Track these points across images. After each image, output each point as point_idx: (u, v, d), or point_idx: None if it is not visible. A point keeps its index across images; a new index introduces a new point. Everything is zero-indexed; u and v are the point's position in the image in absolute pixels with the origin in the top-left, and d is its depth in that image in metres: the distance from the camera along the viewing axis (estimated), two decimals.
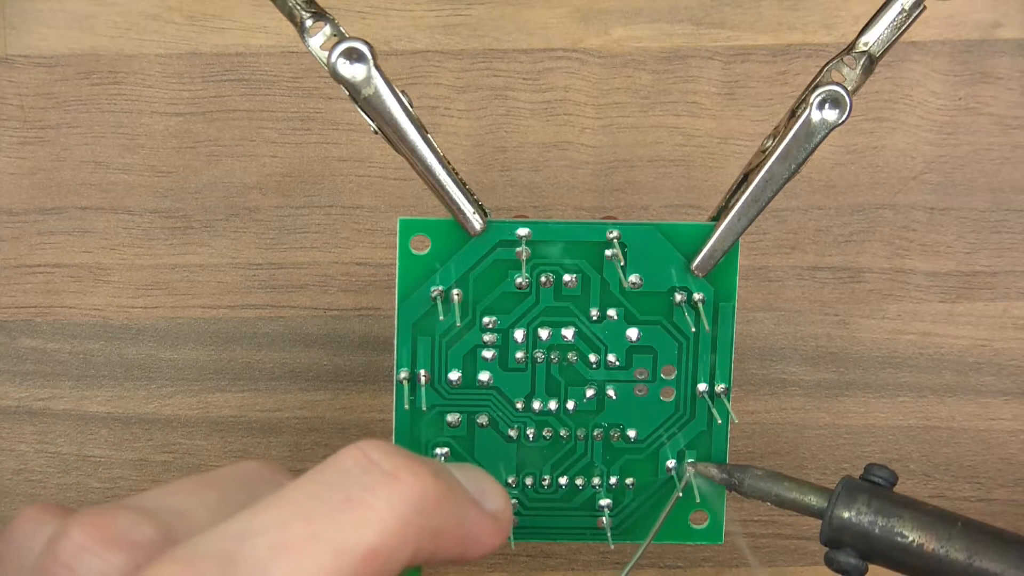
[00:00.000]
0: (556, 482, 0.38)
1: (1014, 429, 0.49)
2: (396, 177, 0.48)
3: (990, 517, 0.48)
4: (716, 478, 0.37)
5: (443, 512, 0.28)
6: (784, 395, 0.49)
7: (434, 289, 0.36)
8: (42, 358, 0.48)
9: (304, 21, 0.33)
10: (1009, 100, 0.48)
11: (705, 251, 0.36)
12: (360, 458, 0.27)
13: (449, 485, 0.29)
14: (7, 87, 0.47)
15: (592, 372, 0.37)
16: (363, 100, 0.33)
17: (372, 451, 0.27)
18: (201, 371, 0.48)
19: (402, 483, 0.27)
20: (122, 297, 0.48)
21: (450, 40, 0.48)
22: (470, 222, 0.35)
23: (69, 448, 0.48)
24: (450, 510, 0.28)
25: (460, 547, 0.29)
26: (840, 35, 0.48)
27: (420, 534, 0.27)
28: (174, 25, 0.47)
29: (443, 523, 0.28)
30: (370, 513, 0.26)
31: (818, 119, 0.34)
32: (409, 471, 0.27)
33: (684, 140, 0.48)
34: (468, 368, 0.37)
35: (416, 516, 0.27)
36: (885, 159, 0.48)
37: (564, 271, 0.36)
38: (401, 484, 0.27)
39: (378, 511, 0.26)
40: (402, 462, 0.27)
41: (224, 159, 0.48)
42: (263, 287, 0.48)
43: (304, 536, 0.25)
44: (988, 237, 0.49)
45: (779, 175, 0.35)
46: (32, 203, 0.47)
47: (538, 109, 0.48)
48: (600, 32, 0.48)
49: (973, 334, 0.49)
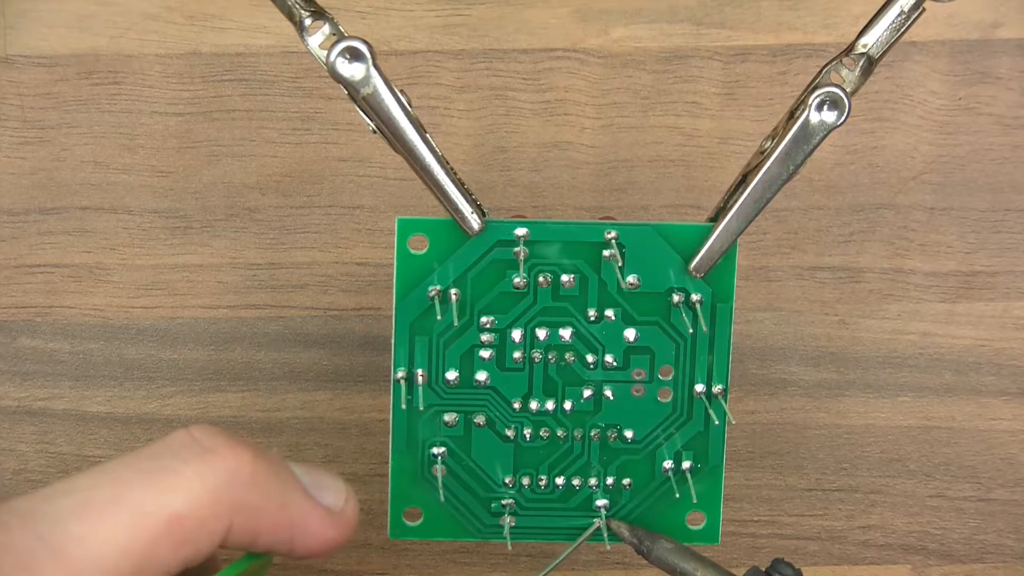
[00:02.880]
0: (553, 482, 0.38)
1: (1014, 429, 0.49)
2: (396, 177, 0.48)
3: (990, 517, 0.49)
4: (626, 539, 0.37)
5: (261, 491, 0.29)
6: (784, 395, 0.49)
7: (432, 288, 0.36)
8: (42, 358, 0.48)
9: (303, 20, 0.33)
10: (1009, 100, 0.48)
11: (703, 252, 0.36)
12: (184, 436, 0.29)
13: (271, 466, 0.29)
14: (7, 87, 0.47)
15: (590, 372, 0.37)
16: (361, 99, 0.33)
17: (197, 431, 0.29)
18: (201, 371, 0.48)
19: (217, 456, 0.28)
20: (122, 297, 0.48)
21: (450, 40, 0.48)
22: (468, 222, 0.35)
23: (69, 448, 0.48)
24: (270, 490, 0.29)
25: (286, 533, 0.30)
26: (840, 35, 0.48)
27: (233, 508, 0.28)
28: (174, 25, 0.47)
29: (261, 502, 0.29)
30: (178, 480, 0.28)
31: (816, 120, 0.34)
32: (227, 447, 0.29)
33: (684, 140, 0.48)
34: (465, 368, 0.37)
35: (227, 488, 0.28)
36: (885, 159, 0.48)
37: (562, 271, 0.36)
38: (215, 457, 0.28)
39: (187, 479, 0.28)
40: (222, 440, 0.29)
41: (224, 159, 0.48)
42: (263, 287, 0.48)
43: (108, 498, 0.27)
44: (988, 237, 0.49)
45: (778, 176, 0.35)
46: (32, 203, 0.47)
47: (538, 109, 0.48)
48: (600, 32, 0.48)
49: (973, 334, 0.49)
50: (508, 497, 0.38)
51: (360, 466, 0.48)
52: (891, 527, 0.49)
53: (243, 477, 0.28)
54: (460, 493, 0.38)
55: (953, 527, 0.49)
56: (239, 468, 0.28)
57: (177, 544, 0.27)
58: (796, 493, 0.49)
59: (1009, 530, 0.49)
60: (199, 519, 0.28)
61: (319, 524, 0.30)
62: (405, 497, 0.38)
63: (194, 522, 0.27)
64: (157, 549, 0.27)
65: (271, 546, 0.30)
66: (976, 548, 0.49)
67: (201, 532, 0.28)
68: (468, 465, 0.37)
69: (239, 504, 0.28)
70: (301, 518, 0.30)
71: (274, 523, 0.29)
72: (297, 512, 0.30)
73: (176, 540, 0.27)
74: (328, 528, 0.31)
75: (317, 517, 0.30)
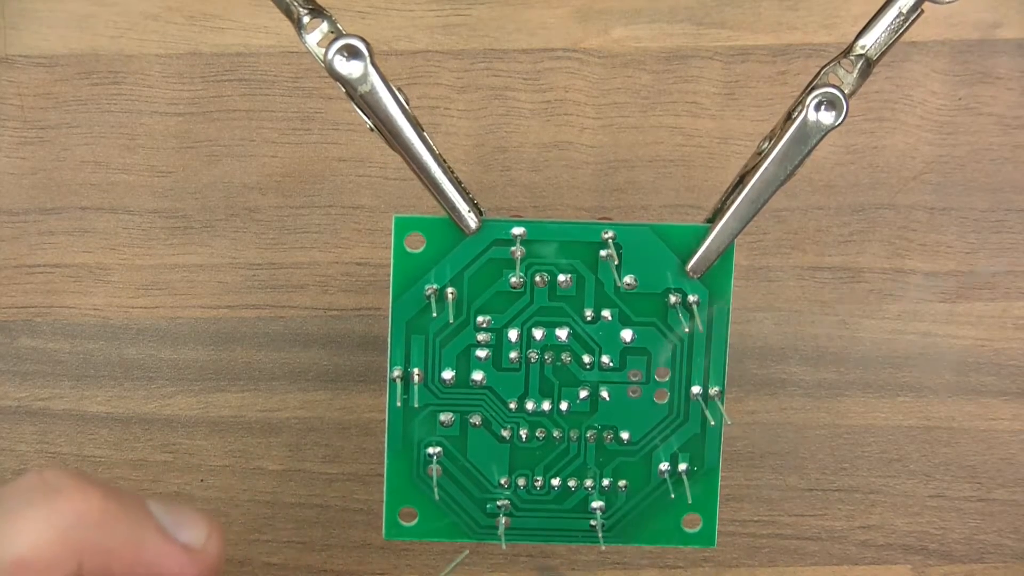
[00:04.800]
0: (549, 483, 0.38)
1: (1014, 429, 0.49)
2: (396, 177, 0.48)
3: (990, 517, 0.48)
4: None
5: (111, 530, 0.28)
6: (784, 395, 0.49)
7: (428, 287, 0.36)
8: (42, 358, 0.48)
9: (301, 18, 0.33)
10: (1009, 100, 0.48)
11: (700, 253, 0.36)
12: (34, 478, 0.28)
13: (123, 506, 0.29)
14: (7, 87, 0.47)
15: (586, 373, 0.37)
16: (359, 97, 0.33)
17: (47, 472, 0.28)
18: (201, 371, 0.48)
19: (63, 497, 0.28)
20: (122, 297, 0.48)
21: (450, 40, 0.48)
22: (465, 221, 0.35)
23: (69, 448, 0.48)
24: (121, 530, 0.29)
25: (143, 572, 0.29)
26: (840, 35, 0.48)
27: (82, 549, 0.28)
28: (174, 25, 0.47)
29: (112, 543, 0.28)
30: (22, 523, 0.27)
31: (814, 121, 0.34)
32: (75, 488, 0.28)
33: (684, 140, 0.48)
34: (462, 367, 0.37)
35: (75, 530, 0.27)
36: (885, 159, 0.48)
37: (559, 271, 0.36)
38: (61, 498, 0.28)
39: (31, 520, 0.27)
40: (71, 482, 0.28)
41: (224, 159, 0.48)
42: (263, 287, 0.48)
43: None
44: (988, 237, 0.48)
45: (775, 177, 0.35)
46: (32, 203, 0.47)
47: (538, 109, 0.48)
48: (600, 32, 0.48)
49: (973, 334, 0.49)
50: (503, 498, 0.38)
51: (360, 466, 0.48)
52: (891, 527, 0.49)
53: (91, 518, 0.28)
54: (455, 493, 0.38)
55: (953, 527, 0.49)
56: (87, 509, 0.28)
57: None
58: (796, 493, 0.49)
59: (1009, 530, 0.49)
60: (45, 561, 0.27)
61: (176, 563, 0.30)
62: (401, 497, 0.38)
63: (40, 565, 0.27)
64: None
65: None
66: (976, 548, 0.49)
67: (50, 574, 0.27)
68: (464, 465, 0.37)
69: (88, 545, 0.28)
70: (156, 558, 0.29)
71: (127, 563, 0.29)
72: (151, 552, 0.29)
73: None
74: (186, 567, 0.30)
75: (175, 556, 0.30)
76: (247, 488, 0.48)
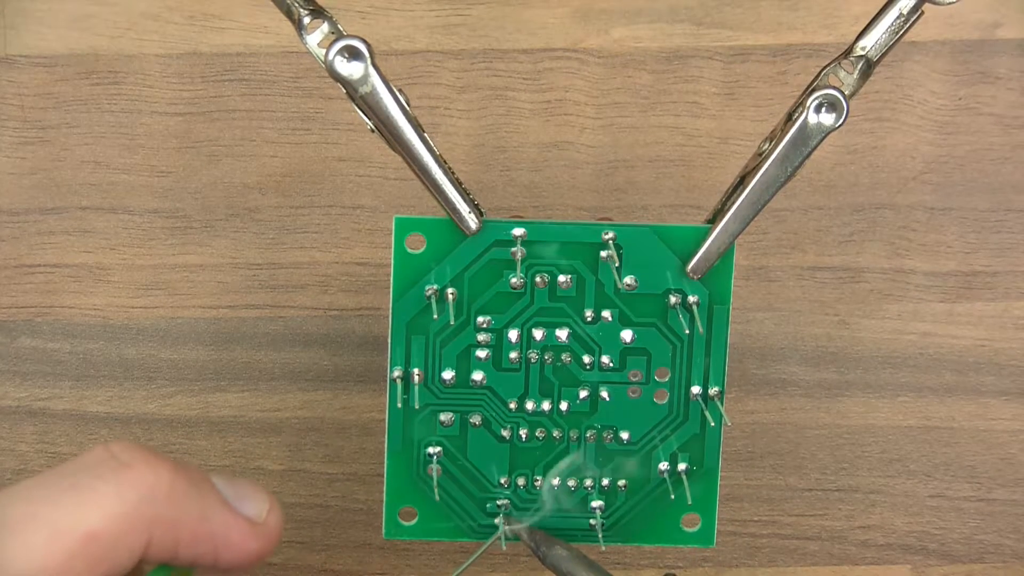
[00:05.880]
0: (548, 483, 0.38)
1: (1014, 429, 0.49)
2: (396, 177, 0.48)
3: (990, 517, 0.48)
4: (524, 540, 0.37)
5: (179, 504, 0.29)
6: (784, 395, 0.49)
7: (429, 288, 0.36)
8: (42, 358, 0.48)
9: (302, 18, 0.33)
10: (1009, 100, 0.48)
11: (700, 254, 0.36)
12: (102, 452, 0.29)
13: (190, 479, 0.29)
14: (7, 87, 0.47)
15: (586, 373, 0.37)
16: (360, 98, 0.33)
17: (115, 446, 0.29)
18: (201, 371, 0.48)
19: (133, 471, 0.28)
20: (122, 297, 0.48)
21: (450, 40, 0.48)
22: (465, 221, 0.35)
23: (69, 448, 0.48)
24: (189, 504, 0.29)
25: (209, 545, 0.30)
26: (840, 35, 0.48)
27: (151, 522, 0.28)
28: (174, 25, 0.47)
29: (180, 516, 0.29)
30: (94, 497, 0.27)
31: (814, 123, 0.34)
32: (144, 462, 0.28)
33: (684, 140, 0.48)
34: (462, 367, 0.37)
35: (145, 504, 0.28)
36: (885, 159, 0.48)
37: (559, 272, 0.36)
38: (131, 472, 0.28)
39: (102, 495, 0.28)
40: (140, 455, 0.29)
41: (224, 159, 0.48)
42: (263, 287, 0.48)
43: (22, 516, 0.27)
44: (988, 237, 0.48)
45: (775, 178, 0.34)
46: (32, 203, 0.47)
47: (538, 109, 0.48)
48: (600, 32, 0.48)
49: (973, 334, 0.49)
50: (503, 497, 0.38)
51: (360, 466, 0.48)
52: (891, 527, 0.49)
53: (161, 491, 0.28)
54: (455, 493, 0.38)
55: (953, 527, 0.49)
56: (156, 483, 0.28)
57: (94, 561, 0.27)
58: (796, 493, 0.49)
59: (1009, 530, 0.49)
60: (115, 535, 0.28)
61: (241, 536, 0.30)
62: (401, 497, 0.38)
63: (110, 538, 0.27)
64: (74, 566, 0.27)
65: (194, 559, 0.30)
66: (976, 548, 0.49)
67: (118, 548, 0.28)
68: (464, 465, 0.37)
69: (157, 518, 0.28)
70: (222, 530, 0.30)
71: (194, 536, 0.29)
72: (218, 524, 0.30)
73: (93, 557, 0.27)
74: (250, 539, 0.31)
75: (239, 529, 0.30)
76: None
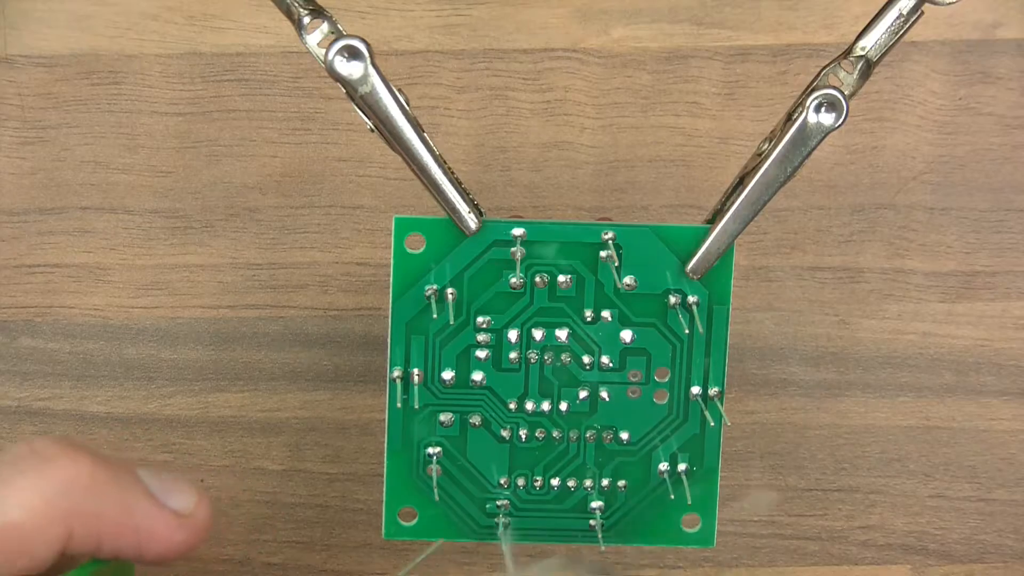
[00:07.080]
0: (548, 483, 0.38)
1: (1014, 429, 0.49)
2: (396, 177, 0.48)
3: (990, 517, 0.48)
4: None
5: (100, 497, 0.29)
6: (784, 395, 0.49)
7: (428, 288, 0.36)
8: (42, 358, 0.48)
9: (301, 18, 0.33)
10: (1009, 100, 0.48)
11: (700, 254, 0.36)
12: (24, 447, 0.29)
13: (112, 472, 0.30)
14: (7, 87, 0.47)
15: (585, 373, 0.37)
16: (359, 98, 0.33)
17: (38, 441, 0.29)
18: (201, 371, 0.48)
19: (53, 465, 0.29)
20: (122, 297, 0.48)
21: (450, 40, 0.48)
22: (465, 221, 0.35)
23: None
24: (111, 496, 0.29)
25: (132, 537, 0.30)
26: (840, 35, 0.48)
27: (71, 515, 0.28)
28: (174, 25, 0.47)
29: (101, 508, 0.29)
30: (10, 491, 0.28)
31: (814, 123, 0.34)
32: (64, 455, 0.29)
33: (684, 140, 0.48)
34: (461, 368, 0.37)
35: (64, 496, 0.28)
36: (885, 159, 0.48)
37: (559, 272, 0.36)
38: (51, 466, 0.29)
39: (19, 489, 0.28)
40: (61, 449, 0.29)
41: (224, 159, 0.48)
42: (263, 287, 0.48)
43: None
44: (988, 237, 0.48)
45: (775, 179, 0.34)
46: (32, 203, 0.47)
47: (538, 109, 0.48)
48: (600, 32, 0.48)
49: (973, 334, 0.49)
50: (503, 498, 0.38)
51: (360, 466, 0.48)
52: (891, 527, 0.49)
53: (80, 484, 0.29)
54: (455, 493, 0.38)
55: (953, 527, 0.49)
56: (76, 475, 0.29)
57: (12, 554, 0.28)
58: (796, 493, 0.49)
59: (1009, 530, 0.49)
60: (33, 528, 0.28)
61: (166, 528, 0.30)
62: (400, 497, 0.38)
63: (28, 531, 0.28)
64: None
65: (117, 551, 0.30)
66: (976, 548, 0.49)
67: (36, 541, 0.28)
68: (463, 465, 0.37)
69: (76, 511, 0.29)
70: (146, 522, 0.30)
71: (117, 528, 0.30)
72: (141, 517, 0.30)
73: (10, 549, 0.28)
74: (175, 532, 0.31)
75: (163, 521, 0.30)
76: (247, 488, 0.48)
